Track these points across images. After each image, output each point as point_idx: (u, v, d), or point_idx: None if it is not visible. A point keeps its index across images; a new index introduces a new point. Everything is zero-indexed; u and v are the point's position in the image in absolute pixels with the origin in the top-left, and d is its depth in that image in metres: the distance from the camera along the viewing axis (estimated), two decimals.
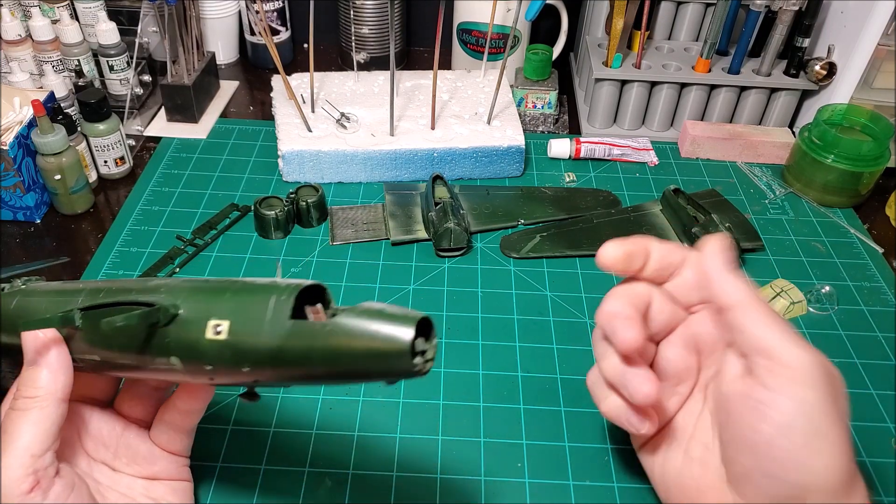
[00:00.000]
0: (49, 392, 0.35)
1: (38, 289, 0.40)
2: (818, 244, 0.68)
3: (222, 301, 0.32)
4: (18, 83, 0.70)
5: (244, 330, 0.31)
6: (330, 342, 0.30)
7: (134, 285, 0.36)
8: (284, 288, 0.31)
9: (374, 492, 0.46)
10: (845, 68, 0.75)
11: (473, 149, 0.72)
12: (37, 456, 0.33)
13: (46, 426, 0.34)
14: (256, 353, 0.31)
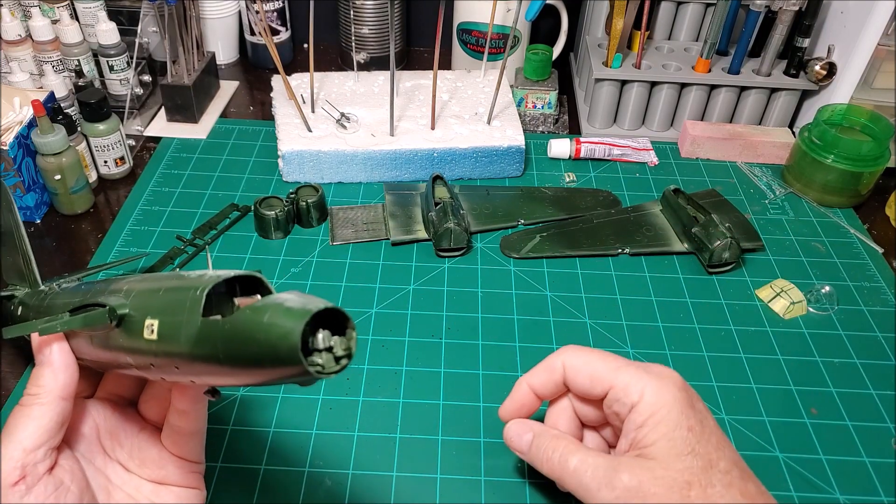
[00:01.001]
0: (49, 390, 0.35)
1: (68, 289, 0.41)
2: (818, 244, 0.68)
3: (157, 298, 0.31)
4: (18, 83, 0.70)
5: (167, 329, 0.30)
6: (229, 341, 0.27)
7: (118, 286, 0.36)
8: (206, 281, 0.30)
9: (374, 492, 0.46)
10: (845, 68, 0.75)
11: (473, 149, 0.72)
12: (28, 450, 0.34)
13: (43, 422, 0.35)
14: (179, 353, 0.30)
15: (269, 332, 0.26)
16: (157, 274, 0.36)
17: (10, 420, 0.35)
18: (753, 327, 0.59)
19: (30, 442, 0.34)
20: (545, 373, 0.42)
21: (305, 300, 0.26)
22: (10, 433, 0.34)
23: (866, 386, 0.54)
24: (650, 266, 0.64)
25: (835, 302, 0.61)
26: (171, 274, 0.34)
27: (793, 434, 0.51)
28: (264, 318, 0.26)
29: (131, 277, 0.36)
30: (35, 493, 0.34)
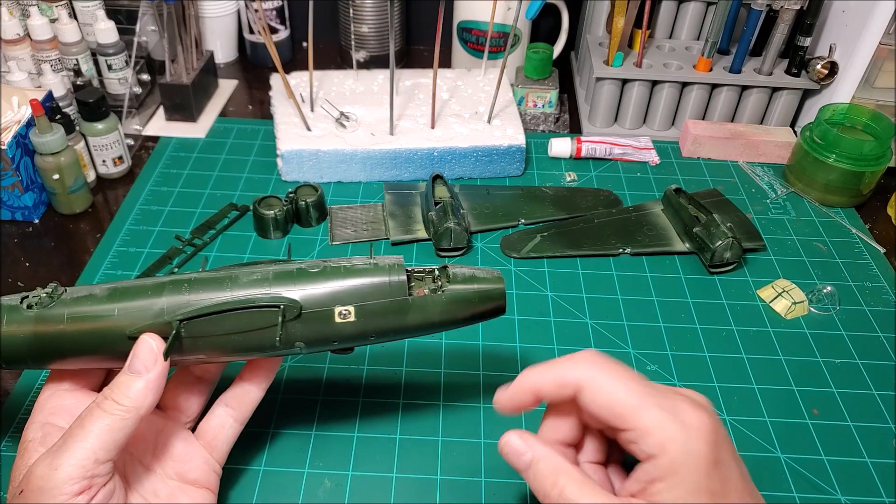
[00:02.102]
0: (136, 406, 0.35)
1: (125, 287, 0.39)
2: (820, 244, 0.67)
3: (336, 285, 0.38)
4: (17, 82, 0.70)
5: (371, 311, 0.38)
6: (448, 305, 0.39)
7: (214, 277, 0.38)
8: (389, 269, 0.38)
9: (374, 492, 0.46)
10: (847, 67, 0.75)
11: (473, 148, 0.72)
12: (100, 462, 0.33)
13: (119, 437, 0.34)
14: (384, 328, 0.38)
15: (483, 294, 0.40)
16: (289, 265, 0.39)
17: (85, 418, 0.34)
18: (755, 327, 0.58)
19: (103, 454, 0.33)
20: (555, 386, 0.36)
21: (481, 270, 0.40)
22: (84, 435, 0.33)
23: (868, 386, 0.54)
24: (651, 266, 0.64)
25: (836, 302, 0.60)
26: (317, 263, 0.39)
27: (794, 435, 0.50)
28: (473, 286, 0.39)
29: (239, 270, 0.39)
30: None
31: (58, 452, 0.33)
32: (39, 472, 0.32)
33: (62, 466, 0.32)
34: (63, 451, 0.33)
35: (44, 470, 0.32)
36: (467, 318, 0.40)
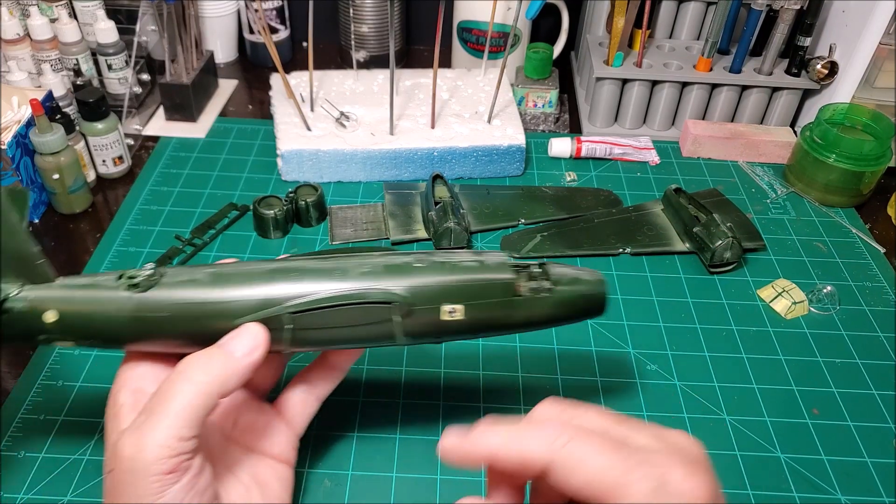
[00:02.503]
0: (222, 388, 0.34)
1: (229, 273, 0.38)
2: (820, 244, 0.67)
3: (448, 285, 0.38)
4: (17, 82, 0.70)
5: (478, 310, 0.38)
6: (556, 306, 0.39)
7: (323, 268, 0.38)
8: (497, 268, 0.39)
9: (373, 492, 0.46)
10: (847, 67, 0.75)
11: (473, 148, 0.72)
12: (184, 439, 0.32)
13: (202, 413, 0.33)
14: (487, 326, 0.39)
15: (587, 297, 0.40)
16: (401, 258, 0.39)
17: (169, 394, 0.33)
18: (755, 327, 0.58)
19: (186, 431, 0.32)
20: (518, 463, 0.30)
21: (576, 271, 0.41)
22: (167, 414, 0.32)
23: (868, 386, 0.54)
24: (651, 266, 0.64)
25: (836, 302, 0.60)
26: (427, 258, 0.39)
27: (794, 434, 0.50)
28: (580, 288, 0.40)
29: (346, 262, 0.38)
30: (183, 484, 0.32)
31: (141, 430, 0.32)
32: (127, 454, 0.31)
33: (147, 447, 0.31)
34: (148, 430, 0.32)
35: (130, 451, 0.31)
36: (568, 319, 0.40)
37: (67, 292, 0.36)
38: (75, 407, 0.50)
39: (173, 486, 0.31)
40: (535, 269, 0.39)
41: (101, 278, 0.37)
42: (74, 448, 0.48)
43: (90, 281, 0.37)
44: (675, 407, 0.52)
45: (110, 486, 0.32)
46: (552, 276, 0.39)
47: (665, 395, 0.53)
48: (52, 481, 0.46)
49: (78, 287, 0.37)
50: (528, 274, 0.39)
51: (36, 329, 0.36)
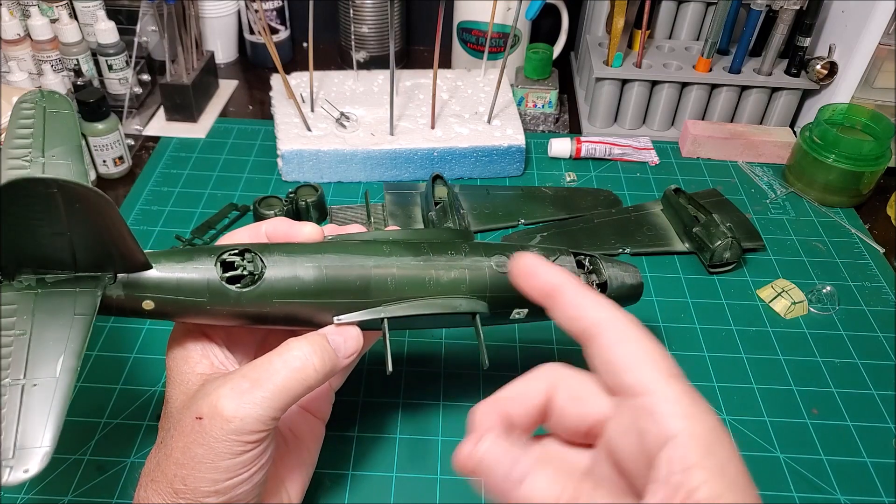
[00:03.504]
0: (320, 380, 0.36)
1: (332, 277, 0.38)
2: (819, 244, 0.67)
3: (519, 294, 0.36)
4: (17, 82, 0.70)
5: (540, 312, 0.36)
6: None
7: (417, 277, 0.40)
8: None
9: (373, 492, 0.46)
10: (846, 68, 0.75)
11: (473, 148, 0.72)
12: (277, 419, 0.35)
13: (294, 400, 0.35)
14: (543, 319, 0.40)
15: (627, 295, 0.47)
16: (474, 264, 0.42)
17: (276, 376, 0.34)
18: (754, 327, 0.58)
19: (281, 412, 0.34)
20: (523, 393, 0.31)
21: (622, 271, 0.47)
22: (273, 395, 0.34)
23: (867, 386, 0.54)
24: (651, 266, 0.64)
25: (836, 302, 0.61)
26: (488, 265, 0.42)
27: (794, 434, 0.50)
28: (623, 291, 0.46)
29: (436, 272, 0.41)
30: (258, 450, 0.34)
31: (245, 398, 0.34)
32: (227, 414, 0.33)
33: (247, 417, 0.33)
34: (251, 401, 0.34)
35: (231, 413, 0.33)
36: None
37: (165, 281, 0.35)
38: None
39: (251, 451, 0.34)
40: (586, 263, 0.46)
41: (198, 264, 0.36)
42: (74, 448, 0.48)
43: (188, 267, 0.36)
44: None
45: (195, 432, 0.34)
46: (602, 275, 0.46)
47: None
48: (52, 481, 0.46)
49: (175, 276, 0.36)
50: (578, 261, 0.45)
51: (131, 312, 0.36)
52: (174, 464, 0.34)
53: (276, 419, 0.35)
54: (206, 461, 0.33)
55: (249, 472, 0.34)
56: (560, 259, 0.45)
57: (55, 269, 0.33)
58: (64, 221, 0.30)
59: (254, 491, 0.36)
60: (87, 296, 0.33)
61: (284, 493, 0.40)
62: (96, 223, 0.31)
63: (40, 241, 0.31)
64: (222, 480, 0.34)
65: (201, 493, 0.34)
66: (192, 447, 0.34)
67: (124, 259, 0.34)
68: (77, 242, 0.32)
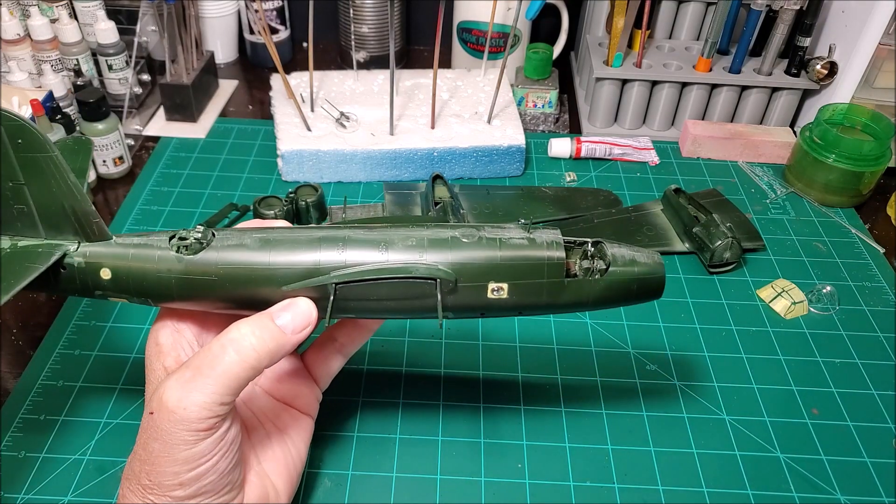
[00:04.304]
0: (270, 358, 0.35)
1: (277, 238, 0.38)
2: (819, 244, 0.67)
3: (495, 262, 0.37)
4: (17, 82, 0.70)
5: (525, 290, 0.37)
6: (605, 290, 0.38)
7: (369, 239, 0.37)
8: (548, 245, 0.37)
9: (374, 492, 0.46)
10: (846, 68, 0.75)
11: (473, 148, 0.72)
12: (225, 404, 0.34)
13: (244, 382, 0.35)
14: (534, 306, 0.38)
15: (643, 281, 0.38)
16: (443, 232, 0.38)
17: (218, 359, 0.34)
18: (754, 327, 0.58)
19: (228, 397, 0.34)
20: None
21: (632, 251, 0.39)
22: (215, 379, 0.34)
23: (867, 386, 0.54)
24: None
25: (836, 302, 0.61)
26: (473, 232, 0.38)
27: (794, 434, 0.50)
28: (636, 269, 0.38)
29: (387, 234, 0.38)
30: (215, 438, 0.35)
31: (187, 388, 0.34)
32: (171, 406, 0.33)
33: (190, 407, 0.33)
34: (192, 389, 0.33)
35: (174, 404, 0.33)
36: (621, 301, 0.39)
37: (122, 250, 0.38)
38: (75, 407, 0.50)
39: (205, 440, 0.34)
40: (589, 248, 0.39)
41: (154, 238, 0.38)
42: (74, 448, 0.48)
43: (144, 241, 0.38)
44: (674, 407, 0.52)
45: (149, 427, 0.34)
46: (607, 257, 0.38)
47: (665, 395, 0.53)
48: (52, 481, 0.46)
49: (132, 246, 0.38)
50: (583, 252, 0.39)
51: (92, 284, 0.37)
52: (139, 461, 0.35)
53: (226, 404, 0.34)
54: (164, 455, 0.34)
55: (211, 462, 0.35)
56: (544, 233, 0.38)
57: (28, 235, 0.37)
58: (16, 166, 0.34)
59: (222, 480, 0.36)
60: (45, 255, 0.37)
61: (270, 486, 0.40)
62: (47, 167, 0.34)
63: (6, 198, 0.36)
64: (184, 472, 0.34)
65: (166, 487, 0.34)
66: (149, 443, 0.34)
67: (84, 228, 0.37)
68: (36, 199, 0.36)
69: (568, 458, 0.48)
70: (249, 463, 0.39)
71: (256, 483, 0.39)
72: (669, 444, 0.49)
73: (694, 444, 0.49)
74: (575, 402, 0.52)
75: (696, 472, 0.48)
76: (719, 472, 0.48)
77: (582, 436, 0.50)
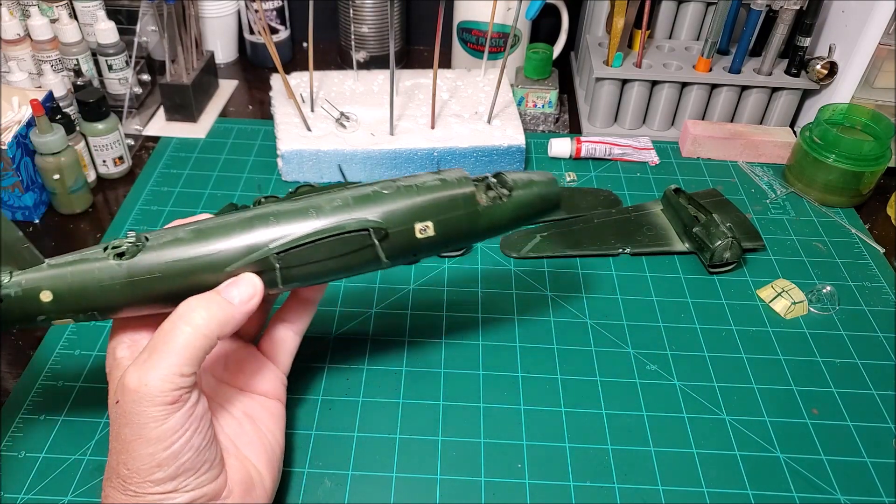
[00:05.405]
0: (222, 331, 0.37)
1: (210, 226, 0.39)
2: (819, 244, 0.67)
3: (417, 206, 0.40)
4: (17, 83, 0.70)
5: (447, 224, 0.41)
6: (514, 211, 0.43)
7: (297, 208, 0.39)
8: (458, 182, 0.42)
9: (373, 492, 0.46)
10: (846, 68, 0.75)
11: (473, 148, 0.72)
12: (185, 376, 0.35)
13: (201, 353, 0.36)
14: (458, 237, 0.42)
15: (543, 196, 0.44)
16: (363, 189, 0.41)
17: (171, 334, 0.35)
18: (754, 327, 0.58)
19: (187, 368, 0.35)
20: None
21: (536, 174, 0.45)
22: (169, 353, 0.35)
23: (867, 386, 0.54)
24: (651, 266, 0.64)
25: (836, 302, 0.61)
26: (387, 184, 0.41)
27: (794, 434, 0.50)
28: (534, 189, 0.44)
29: (315, 200, 0.40)
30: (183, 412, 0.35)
31: (145, 366, 0.35)
32: (133, 387, 0.34)
33: (151, 382, 0.34)
34: (151, 367, 0.34)
35: (135, 384, 0.34)
36: (528, 219, 0.45)
37: (58, 271, 0.38)
38: (75, 407, 0.50)
39: (174, 414, 0.35)
40: (491, 179, 0.43)
41: (87, 253, 0.39)
42: (74, 448, 0.48)
43: (78, 257, 0.38)
44: (674, 407, 0.52)
45: (117, 415, 0.35)
46: (508, 183, 0.43)
47: (665, 395, 0.53)
48: (52, 481, 0.46)
49: (67, 264, 0.38)
50: (487, 184, 0.43)
51: (34, 311, 0.37)
52: (114, 454, 0.35)
53: (186, 376, 0.35)
54: (136, 437, 0.34)
55: (184, 437, 0.35)
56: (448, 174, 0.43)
57: None
58: None
59: (199, 457, 0.36)
60: None
61: (252, 469, 0.41)
62: None
63: None
64: (159, 452, 0.34)
65: (145, 472, 0.35)
66: (120, 430, 0.35)
67: (14, 257, 0.37)
68: None
69: (568, 458, 0.48)
70: (227, 450, 0.40)
71: (238, 466, 0.40)
72: (669, 444, 0.49)
73: (694, 444, 0.49)
74: (575, 402, 0.52)
75: (696, 472, 0.48)
76: (719, 472, 0.48)
77: (582, 436, 0.50)
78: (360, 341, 0.56)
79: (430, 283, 0.61)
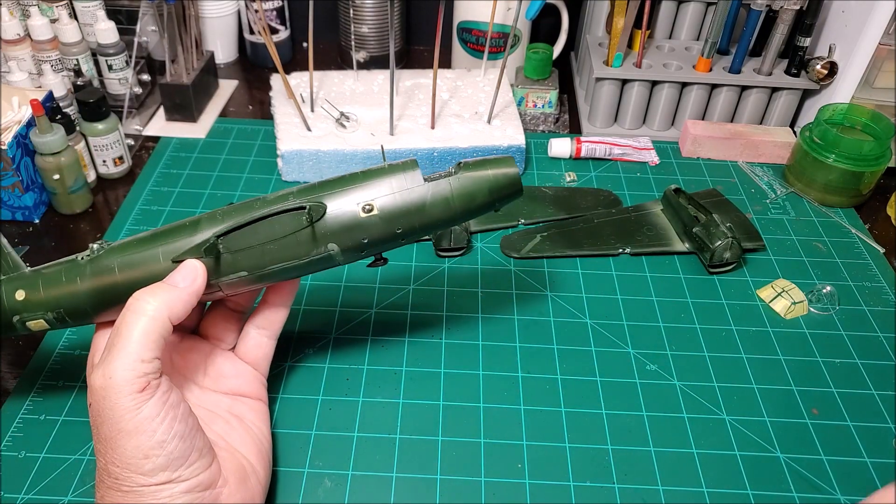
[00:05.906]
0: (170, 313, 0.38)
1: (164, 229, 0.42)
2: (819, 244, 0.67)
3: (356, 188, 0.41)
4: (17, 83, 0.70)
5: (392, 202, 0.41)
6: (464, 193, 0.42)
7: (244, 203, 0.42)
8: (404, 165, 0.42)
9: (373, 492, 0.46)
10: (846, 68, 0.75)
11: (473, 148, 0.72)
12: (146, 361, 0.36)
13: (156, 337, 0.37)
14: (408, 220, 0.41)
15: (497, 175, 0.42)
16: (308, 183, 0.42)
17: (122, 327, 0.37)
18: (754, 327, 0.58)
19: (147, 353, 0.36)
20: None
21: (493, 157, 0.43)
22: (126, 344, 0.36)
23: (867, 386, 0.54)
24: (651, 266, 0.64)
25: (836, 302, 0.61)
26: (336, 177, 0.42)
27: (794, 434, 0.50)
28: (487, 168, 0.42)
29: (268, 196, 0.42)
30: (159, 394, 0.36)
31: (106, 362, 0.36)
32: (98, 384, 0.35)
33: (115, 373, 0.35)
34: (111, 361, 0.36)
35: (100, 381, 0.35)
36: (489, 200, 0.42)
37: (33, 273, 0.43)
38: (75, 407, 0.50)
39: (147, 402, 0.36)
40: (448, 171, 0.43)
41: (61, 259, 0.43)
42: (74, 448, 0.48)
43: (53, 263, 0.43)
44: (674, 407, 0.52)
45: (93, 416, 0.36)
46: (461, 165, 0.42)
47: (665, 395, 0.53)
48: (52, 481, 0.46)
49: (42, 268, 0.43)
50: (441, 177, 0.42)
51: (11, 311, 0.42)
52: (101, 455, 0.36)
53: (147, 361, 0.36)
54: (115, 432, 0.35)
55: (164, 424, 0.36)
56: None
57: None
58: None
59: (186, 444, 0.37)
60: None
61: (244, 460, 0.42)
62: None
63: None
64: (143, 442, 0.35)
65: (135, 465, 0.35)
66: (99, 429, 0.36)
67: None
68: None
69: (568, 458, 0.48)
70: (217, 444, 0.41)
71: (230, 458, 0.41)
72: (669, 444, 0.49)
73: (694, 444, 0.49)
74: (575, 402, 0.52)
75: (696, 472, 0.48)
76: (719, 472, 0.48)
77: (582, 436, 0.50)
78: (360, 341, 0.56)
79: (430, 283, 0.61)
